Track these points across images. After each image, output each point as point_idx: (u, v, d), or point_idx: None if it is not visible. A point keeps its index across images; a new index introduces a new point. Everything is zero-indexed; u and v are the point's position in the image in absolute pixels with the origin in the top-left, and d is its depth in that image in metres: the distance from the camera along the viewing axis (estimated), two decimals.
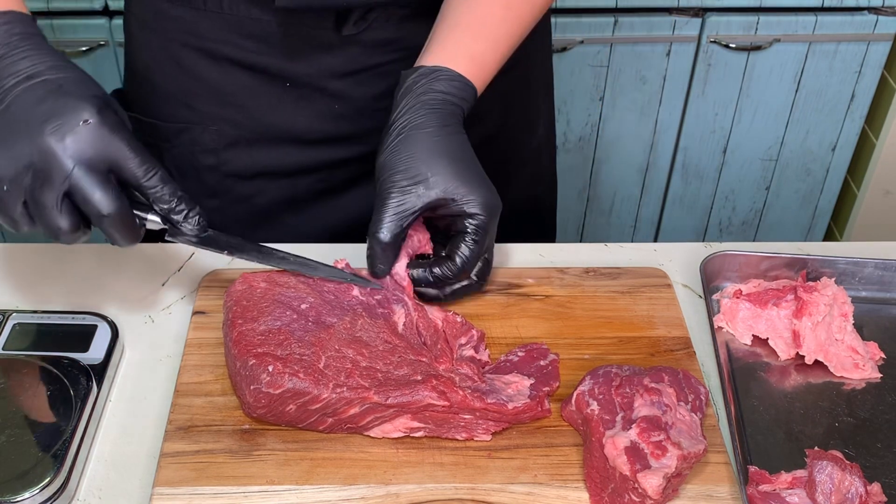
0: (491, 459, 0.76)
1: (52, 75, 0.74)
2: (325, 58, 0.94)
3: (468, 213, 0.82)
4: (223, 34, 0.94)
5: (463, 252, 0.83)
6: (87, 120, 0.71)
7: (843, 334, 0.86)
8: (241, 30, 0.93)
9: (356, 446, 0.77)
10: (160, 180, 0.75)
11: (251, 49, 0.94)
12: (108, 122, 0.72)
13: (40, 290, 0.92)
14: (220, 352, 0.83)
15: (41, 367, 0.79)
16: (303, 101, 0.97)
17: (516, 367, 0.82)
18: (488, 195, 0.83)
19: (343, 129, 0.99)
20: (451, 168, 0.82)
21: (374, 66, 0.96)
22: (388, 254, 0.82)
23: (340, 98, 0.97)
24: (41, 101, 0.72)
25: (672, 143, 2.01)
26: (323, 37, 0.93)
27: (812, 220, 2.16)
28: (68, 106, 0.72)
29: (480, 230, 0.83)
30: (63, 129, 0.71)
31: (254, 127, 0.98)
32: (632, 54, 1.86)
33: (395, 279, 0.84)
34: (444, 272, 0.84)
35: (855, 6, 1.85)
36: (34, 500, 0.71)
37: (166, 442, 0.76)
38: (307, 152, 1.00)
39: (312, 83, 0.96)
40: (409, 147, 0.82)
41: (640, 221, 2.15)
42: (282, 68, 0.95)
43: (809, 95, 1.95)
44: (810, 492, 0.72)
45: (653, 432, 0.72)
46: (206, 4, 0.93)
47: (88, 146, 0.71)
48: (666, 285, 0.92)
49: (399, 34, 0.95)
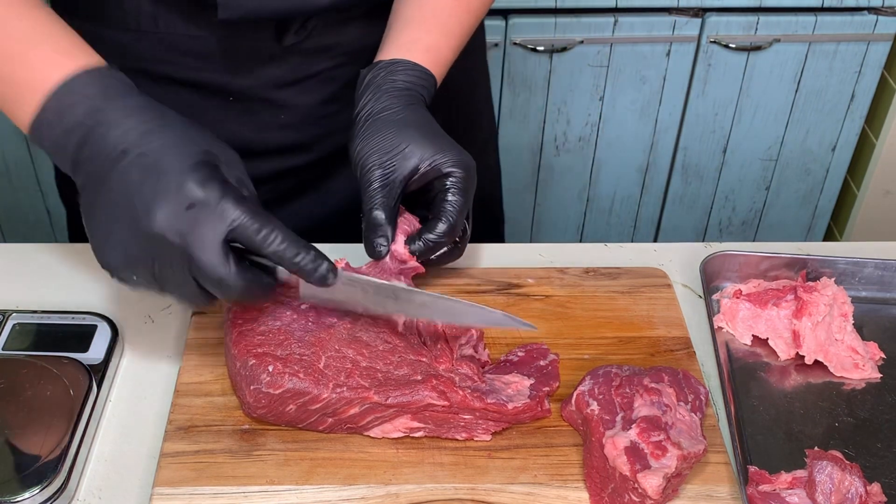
0: (491, 459, 0.76)
1: (146, 146, 0.69)
2: (267, 69, 0.94)
3: (445, 173, 0.83)
4: (160, 53, 0.92)
5: (448, 208, 0.83)
6: (192, 205, 0.68)
7: (843, 334, 0.86)
8: (180, 48, 0.92)
9: (356, 446, 0.77)
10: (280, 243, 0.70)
11: (191, 66, 0.93)
12: (214, 197, 0.68)
13: (40, 290, 0.92)
14: (220, 352, 0.83)
15: (41, 367, 0.79)
16: (247, 114, 0.96)
17: (516, 368, 0.82)
18: (462, 155, 0.84)
19: (289, 138, 0.99)
20: (421, 137, 0.83)
21: (316, 74, 0.96)
22: (386, 230, 0.82)
23: (285, 107, 0.97)
24: (141, 184, 0.68)
25: (672, 143, 2.01)
26: (264, 49, 0.92)
27: (812, 220, 2.16)
28: (170, 189, 0.68)
29: (460, 185, 0.83)
30: (171, 218, 0.67)
31: None
32: (632, 54, 1.86)
33: (396, 258, 0.84)
34: (436, 233, 0.83)
35: (855, 6, 1.85)
36: (34, 500, 0.71)
37: (166, 442, 0.76)
38: (254, 164, 0.95)
39: (256, 95, 0.95)
40: (379, 129, 0.83)
41: (640, 221, 2.15)
42: (224, 83, 0.94)
43: (809, 95, 1.95)
44: (810, 492, 0.72)
45: (653, 432, 0.72)
46: (140, 25, 0.91)
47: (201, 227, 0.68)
48: (666, 285, 0.92)
49: (339, 39, 0.95)
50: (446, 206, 0.83)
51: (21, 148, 1.90)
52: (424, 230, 0.84)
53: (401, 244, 0.84)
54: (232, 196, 0.69)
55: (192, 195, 0.68)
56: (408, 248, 0.84)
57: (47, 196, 1.98)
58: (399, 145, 0.83)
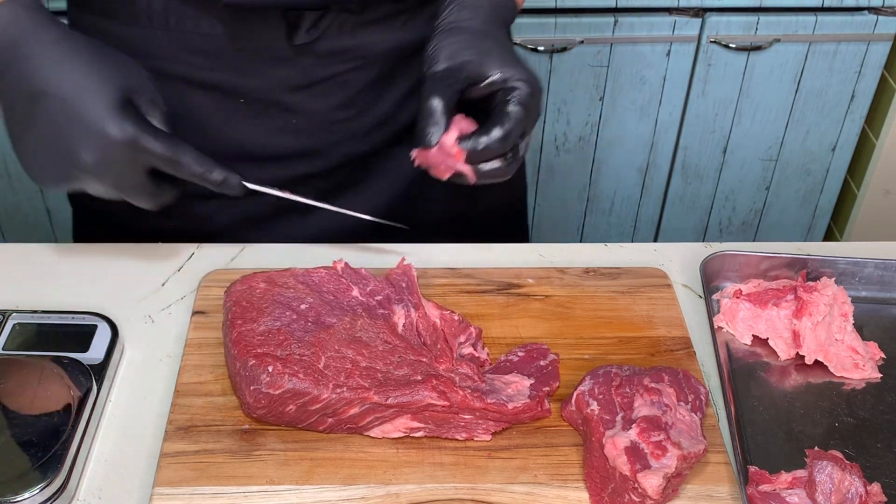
0: (491, 459, 0.76)
1: (62, 89, 0.78)
2: (278, 70, 0.92)
3: (510, 87, 0.82)
4: (172, 52, 0.92)
5: (506, 117, 0.81)
6: (111, 145, 0.77)
7: (843, 334, 0.86)
8: (191, 46, 0.91)
9: (356, 446, 0.77)
10: (192, 165, 0.80)
11: (202, 66, 0.92)
12: (130, 136, 0.78)
13: (40, 290, 0.92)
14: (220, 352, 0.83)
15: (41, 367, 0.79)
16: (259, 117, 0.95)
17: (516, 367, 0.82)
18: (530, 73, 0.83)
19: (302, 143, 0.97)
20: (496, 48, 0.83)
21: (329, 77, 0.94)
22: (440, 119, 0.81)
23: (297, 112, 0.95)
24: (62, 128, 0.78)
25: (672, 143, 2.01)
26: (275, 48, 0.91)
27: (812, 220, 2.16)
28: (90, 133, 0.77)
29: (524, 99, 0.82)
30: (94, 158, 0.78)
31: (209, 146, 0.93)
32: (632, 54, 1.86)
33: (444, 149, 0.81)
34: (490, 136, 0.81)
35: (855, 6, 1.85)
36: (34, 500, 0.71)
37: (166, 442, 0.76)
38: (267, 170, 0.97)
39: (268, 97, 0.94)
40: (456, 34, 0.84)
41: (640, 221, 2.15)
42: (236, 84, 0.93)
43: (809, 95, 1.95)
44: (810, 492, 0.72)
45: (653, 432, 0.72)
46: (151, 22, 0.90)
47: (122, 165, 0.79)
48: (666, 285, 0.92)
49: (353, 42, 0.92)
50: (505, 114, 0.81)
51: None
52: (478, 132, 0.82)
53: (451, 138, 0.81)
54: (147, 133, 0.78)
55: (111, 136, 0.77)
56: (457, 143, 0.81)
57: (47, 196, 1.98)
58: (471, 48, 0.83)
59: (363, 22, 0.92)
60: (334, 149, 0.98)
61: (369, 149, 0.99)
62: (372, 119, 0.97)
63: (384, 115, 0.98)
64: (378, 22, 0.93)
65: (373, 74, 0.95)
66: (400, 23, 0.94)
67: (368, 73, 0.94)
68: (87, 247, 0.97)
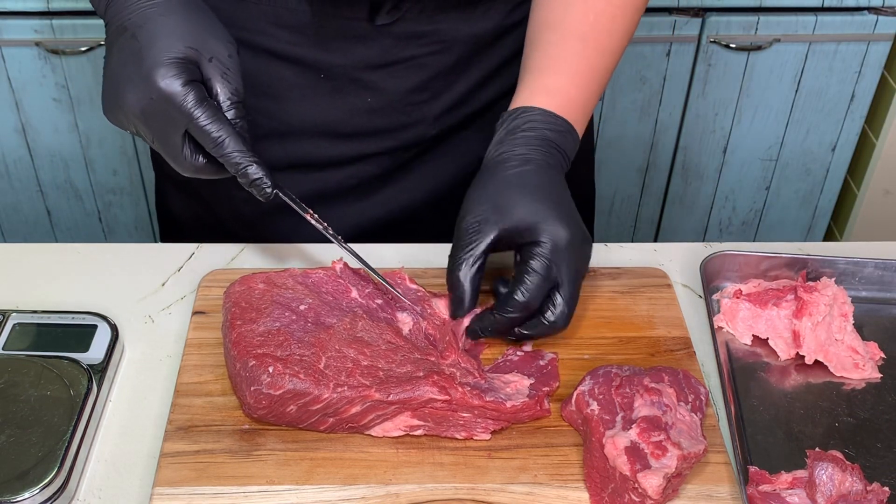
0: (491, 459, 0.76)
1: (140, 31, 0.78)
2: (358, 48, 0.94)
3: (532, 242, 0.80)
4: (260, 24, 0.94)
5: (521, 282, 0.79)
6: (155, 98, 0.77)
7: (843, 334, 0.86)
8: (278, 20, 0.93)
9: (356, 446, 0.77)
10: (229, 149, 0.78)
11: (287, 40, 0.94)
12: (174, 94, 0.77)
13: (40, 290, 0.92)
14: (220, 352, 0.83)
15: (41, 367, 0.79)
16: (337, 94, 0.97)
17: (516, 367, 0.82)
18: (557, 226, 0.80)
19: (375, 123, 0.99)
20: (523, 198, 0.81)
21: (407, 59, 0.96)
22: (464, 294, 0.81)
23: (373, 90, 0.97)
24: (125, 65, 0.78)
25: (672, 143, 2.01)
26: (356, 27, 0.93)
27: (812, 220, 2.16)
28: (140, 79, 0.77)
29: (542, 258, 0.79)
30: (136, 104, 0.77)
31: (287, 119, 0.98)
32: (632, 54, 1.86)
33: None
34: (504, 308, 0.80)
35: (855, 6, 1.85)
36: (34, 500, 0.71)
37: (166, 442, 0.76)
38: (339, 146, 1.00)
39: (346, 74, 0.96)
40: (487, 179, 0.83)
41: (640, 221, 2.15)
42: (316, 59, 0.95)
43: (809, 95, 1.95)
44: (810, 492, 0.72)
45: (653, 432, 0.72)
46: None
47: (159, 119, 0.78)
48: (666, 285, 0.92)
49: (432, 27, 0.94)
50: (519, 280, 0.80)
51: (21, 148, 1.90)
52: (496, 305, 0.81)
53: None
54: (190, 96, 0.77)
55: (153, 85, 0.76)
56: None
57: (47, 196, 1.98)
58: (496, 204, 0.81)
59: (443, 8, 0.94)
60: (404, 130, 1.00)
61: (437, 132, 1.01)
62: (443, 103, 0.99)
63: (455, 100, 1.00)
64: (457, 8, 0.94)
65: (450, 60, 0.96)
66: (480, 12, 0.95)
67: (445, 59, 0.95)
68: (87, 246, 0.97)
